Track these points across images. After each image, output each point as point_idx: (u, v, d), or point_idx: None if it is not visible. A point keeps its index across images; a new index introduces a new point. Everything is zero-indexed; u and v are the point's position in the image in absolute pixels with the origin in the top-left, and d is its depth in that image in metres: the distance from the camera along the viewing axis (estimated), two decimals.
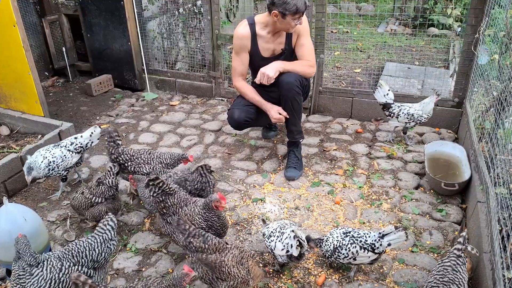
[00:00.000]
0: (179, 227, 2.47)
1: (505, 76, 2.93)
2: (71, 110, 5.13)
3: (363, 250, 2.59)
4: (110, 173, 3.08)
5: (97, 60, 5.70)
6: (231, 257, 2.39)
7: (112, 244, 2.47)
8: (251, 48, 3.66)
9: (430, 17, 7.34)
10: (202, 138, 4.47)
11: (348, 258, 2.63)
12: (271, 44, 3.64)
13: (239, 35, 3.63)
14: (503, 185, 2.63)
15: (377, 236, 2.59)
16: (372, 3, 9.09)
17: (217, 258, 2.37)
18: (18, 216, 2.60)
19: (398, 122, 4.11)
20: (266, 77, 3.44)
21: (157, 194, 2.69)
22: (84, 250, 2.37)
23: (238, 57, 3.72)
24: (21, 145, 3.96)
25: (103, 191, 3.04)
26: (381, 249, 2.57)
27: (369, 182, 3.70)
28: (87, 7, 5.35)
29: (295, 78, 3.51)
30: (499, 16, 3.36)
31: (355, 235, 2.65)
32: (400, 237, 2.54)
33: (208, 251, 2.39)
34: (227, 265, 2.35)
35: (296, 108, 3.63)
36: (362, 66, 6.08)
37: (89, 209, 3.04)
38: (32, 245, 2.60)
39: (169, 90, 5.61)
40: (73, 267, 2.30)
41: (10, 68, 4.03)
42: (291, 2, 3.23)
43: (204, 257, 2.38)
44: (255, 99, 3.72)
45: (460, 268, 2.34)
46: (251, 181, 3.74)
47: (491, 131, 3.10)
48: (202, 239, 2.41)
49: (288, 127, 3.78)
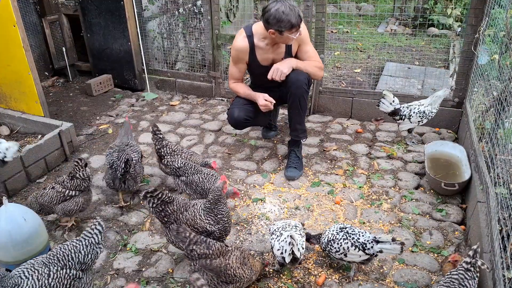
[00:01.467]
0: (179, 236, 2.42)
1: (505, 76, 2.93)
2: (71, 110, 5.13)
3: (354, 247, 2.58)
4: (79, 166, 3.11)
5: (97, 60, 5.70)
6: (234, 259, 2.39)
7: (98, 248, 2.44)
8: (249, 59, 3.66)
9: (430, 17, 7.35)
10: (202, 138, 4.47)
11: (340, 253, 2.64)
12: (270, 54, 3.62)
13: (237, 48, 3.60)
14: (503, 185, 2.63)
15: (371, 238, 2.57)
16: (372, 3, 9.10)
17: (221, 262, 2.35)
18: (18, 216, 2.61)
19: (411, 123, 4.05)
20: (280, 72, 3.42)
21: (156, 205, 2.69)
22: (69, 253, 2.34)
23: (235, 66, 3.74)
24: (21, 145, 3.96)
25: (78, 184, 3.08)
26: (371, 251, 2.55)
27: (369, 182, 3.70)
28: (87, 7, 5.35)
29: (305, 77, 3.51)
30: (499, 16, 3.36)
31: (349, 231, 2.66)
32: (394, 249, 2.52)
33: (212, 256, 2.35)
34: (232, 268, 2.35)
35: (303, 106, 3.63)
36: (362, 66, 6.08)
37: (60, 204, 3.05)
38: (32, 245, 2.62)
39: (169, 90, 5.61)
40: (61, 270, 2.26)
41: (10, 68, 4.03)
42: (284, 19, 3.19)
43: (209, 262, 2.34)
44: (246, 93, 3.74)
45: (468, 283, 2.22)
46: (251, 181, 3.74)
47: (491, 131, 3.10)
48: (205, 245, 2.36)
49: (292, 126, 3.76)
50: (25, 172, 3.67)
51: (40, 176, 3.81)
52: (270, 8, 3.23)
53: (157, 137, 3.52)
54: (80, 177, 3.08)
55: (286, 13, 3.17)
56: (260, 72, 3.68)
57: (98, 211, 3.42)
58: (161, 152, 3.48)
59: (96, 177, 3.83)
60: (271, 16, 3.21)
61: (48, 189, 3.06)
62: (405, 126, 4.13)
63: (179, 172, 3.33)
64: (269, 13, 3.23)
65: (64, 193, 3.05)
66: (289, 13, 3.18)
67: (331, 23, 7.10)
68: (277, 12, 3.18)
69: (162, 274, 2.81)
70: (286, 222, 2.79)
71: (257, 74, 3.81)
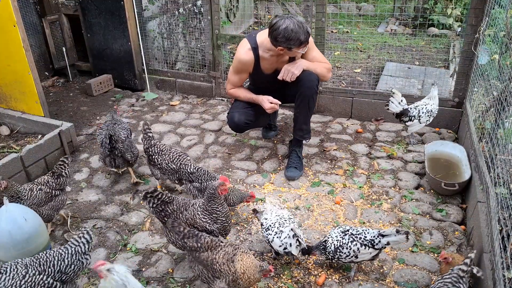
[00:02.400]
0: (174, 229, 2.54)
1: (505, 76, 2.93)
2: (71, 110, 5.13)
3: (363, 247, 2.60)
4: (65, 165, 3.16)
5: (97, 60, 5.70)
6: (222, 254, 2.42)
7: (85, 258, 2.41)
8: (253, 70, 3.64)
9: (430, 17, 7.34)
10: (202, 138, 4.46)
11: (350, 257, 2.63)
12: (274, 64, 3.60)
13: (242, 61, 3.55)
14: (503, 185, 2.63)
15: (376, 233, 2.61)
16: (372, 3, 9.09)
17: (208, 256, 2.43)
18: (18, 216, 2.60)
19: (421, 123, 4.01)
20: (291, 74, 3.41)
21: (156, 205, 2.69)
22: (52, 259, 2.32)
23: (237, 75, 3.70)
24: (21, 145, 3.96)
25: (62, 182, 3.13)
26: (380, 245, 2.59)
27: (369, 182, 3.70)
28: (87, 7, 5.35)
29: (316, 78, 3.51)
30: (499, 16, 3.35)
31: (354, 233, 2.66)
32: (400, 240, 2.56)
33: (201, 249, 2.45)
34: (218, 263, 2.39)
35: (311, 107, 3.64)
36: (362, 66, 6.08)
37: (48, 204, 3.05)
38: (32, 245, 2.62)
39: (169, 90, 5.61)
40: (38, 276, 2.23)
41: (10, 68, 4.03)
42: (294, 37, 3.16)
43: (197, 255, 2.45)
44: (248, 97, 3.73)
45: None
46: (251, 181, 3.74)
47: (491, 131, 3.10)
48: (196, 238, 2.47)
49: (298, 125, 3.75)
50: (25, 172, 3.67)
51: (40, 176, 3.80)
52: (278, 26, 3.17)
53: (146, 136, 3.52)
54: (65, 175, 3.15)
55: (295, 31, 3.14)
56: (262, 79, 3.69)
57: (98, 211, 3.42)
58: (149, 151, 3.48)
59: (96, 177, 3.83)
60: (280, 35, 3.18)
61: (35, 191, 2.99)
62: (415, 127, 4.05)
63: (192, 177, 3.29)
64: (277, 31, 3.18)
65: (52, 194, 3.06)
66: (298, 30, 3.15)
67: (331, 23, 7.10)
68: (286, 31, 3.14)
69: (162, 274, 2.81)
70: (279, 215, 2.81)
71: (258, 80, 3.80)
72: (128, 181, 3.76)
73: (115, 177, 3.82)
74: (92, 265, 2.21)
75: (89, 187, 3.72)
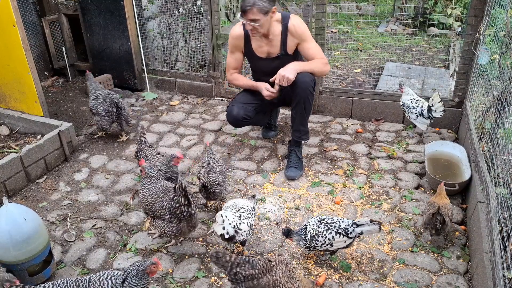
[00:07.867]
0: (219, 261, 2.25)
1: (505, 76, 2.93)
2: (70, 110, 5.12)
3: (338, 235, 2.69)
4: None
5: (96, 60, 5.69)
6: (281, 273, 2.25)
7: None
8: (244, 47, 3.75)
9: (430, 17, 7.34)
10: (202, 138, 4.46)
11: (325, 245, 2.71)
12: (264, 46, 3.67)
13: (233, 35, 3.74)
14: (503, 185, 2.63)
15: (350, 222, 2.71)
16: (372, 3, 9.09)
17: (269, 279, 2.21)
18: (18, 216, 2.60)
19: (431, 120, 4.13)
20: (286, 79, 3.43)
21: None
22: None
23: (232, 55, 3.85)
24: (21, 145, 3.96)
25: None
26: (353, 234, 2.68)
27: (369, 182, 3.70)
28: (87, 7, 5.34)
29: (311, 79, 3.52)
30: (499, 16, 3.35)
31: (329, 222, 2.75)
32: (373, 230, 2.67)
33: (259, 275, 2.22)
34: (281, 283, 2.21)
35: (308, 108, 3.64)
36: (362, 66, 6.08)
37: None
38: (32, 245, 2.62)
39: (169, 90, 5.61)
40: None
41: (10, 68, 4.02)
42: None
43: (256, 283, 2.20)
44: (248, 84, 3.84)
45: None
46: (251, 181, 3.73)
47: (491, 131, 3.09)
48: (249, 265, 2.22)
49: (295, 127, 3.76)
50: (25, 172, 3.67)
51: (39, 176, 3.81)
52: None
53: (139, 139, 3.61)
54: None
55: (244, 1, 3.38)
56: (259, 66, 3.77)
57: (98, 211, 3.42)
58: (137, 155, 3.57)
59: (96, 177, 3.83)
60: None
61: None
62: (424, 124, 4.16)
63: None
64: None
65: None
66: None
67: (331, 23, 7.10)
68: None
69: (162, 274, 2.81)
70: (237, 203, 2.84)
71: (256, 68, 3.88)
72: (128, 181, 3.76)
73: (115, 177, 3.82)
74: None
75: (88, 187, 3.71)
